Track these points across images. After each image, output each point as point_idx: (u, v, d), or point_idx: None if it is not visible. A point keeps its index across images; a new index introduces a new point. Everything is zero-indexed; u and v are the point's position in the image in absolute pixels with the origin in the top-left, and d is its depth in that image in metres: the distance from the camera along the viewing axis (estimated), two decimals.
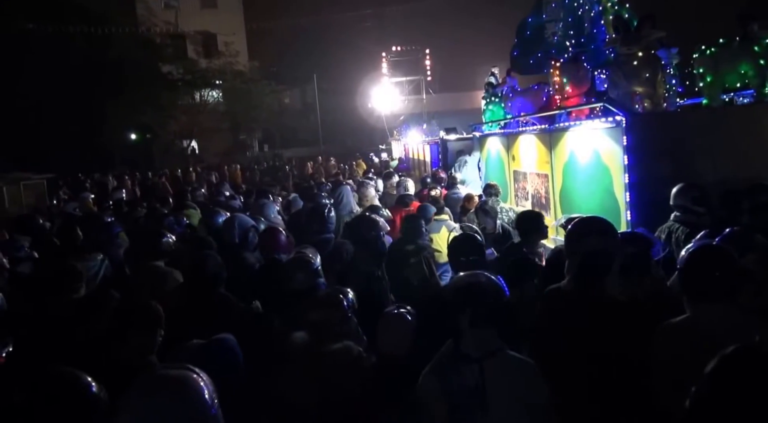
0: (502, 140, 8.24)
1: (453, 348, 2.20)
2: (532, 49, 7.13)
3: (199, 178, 17.00)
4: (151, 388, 1.63)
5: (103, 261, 4.70)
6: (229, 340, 2.44)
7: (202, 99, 32.53)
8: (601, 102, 5.16)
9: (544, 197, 6.81)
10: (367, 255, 4.05)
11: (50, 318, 3.38)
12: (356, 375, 2.64)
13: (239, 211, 6.49)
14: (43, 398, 1.64)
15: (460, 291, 2.24)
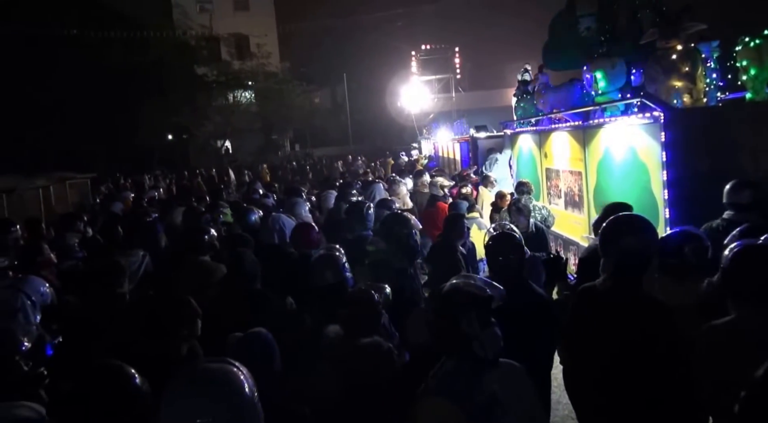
0: (534, 137, 8.12)
1: (460, 358, 2.07)
2: (565, 44, 6.98)
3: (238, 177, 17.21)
4: (193, 380, 1.65)
5: (144, 257, 4.81)
6: (264, 334, 2.45)
7: (236, 100, 33.01)
8: (637, 97, 5.03)
9: (577, 195, 6.69)
10: (399, 252, 4.03)
11: (96, 311, 3.47)
12: (386, 370, 2.63)
13: (273, 210, 6.57)
14: (89, 389, 1.68)
15: (459, 295, 2.13)
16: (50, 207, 10.43)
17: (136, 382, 1.73)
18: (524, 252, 3.31)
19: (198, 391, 1.61)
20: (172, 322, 2.64)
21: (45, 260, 4.51)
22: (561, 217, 7.02)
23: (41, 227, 6.42)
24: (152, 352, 2.58)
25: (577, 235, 6.65)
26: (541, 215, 6.43)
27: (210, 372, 1.67)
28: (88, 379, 1.71)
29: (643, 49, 5.60)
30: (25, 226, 5.89)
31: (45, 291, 3.86)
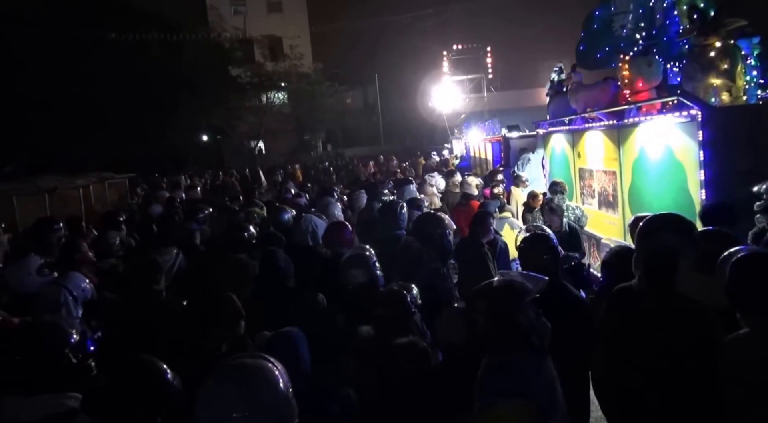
0: (567, 137, 8.01)
1: (517, 351, 2.06)
2: (599, 42, 6.86)
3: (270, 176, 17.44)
4: (228, 375, 1.69)
5: (177, 255, 4.94)
6: (294, 333, 2.48)
7: (269, 101, 33.47)
8: (674, 96, 4.91)
9: (611, 195, 6.57)
10: (433, 252, 4.03)
11: (134, 307, 3.58)
12: (421, 370, 2.64)
13: (305, 209, 6.66)
14: (121, 383, 1.73)
15: (511, 289, 2.14)
16: (90, 206, 10.75)
17: (167, 377, 1.77)
18: (558, 252, 3.27)
19: (233, 386, 1.65)
20: (212, 319, 2.69)
21: (83, 258, 4.66)
22: (594, 217, 6.91)
23: (81, 225, 6.63)
24: (194, 348, 2.65)
25: (611, 235, 6.54)
26: (575, 215, 6.34)
27: (245, 367, 1.71)
28: (121, 373, 1.76)
29: (680, 47, 5.47)
30: (66, 225, 6.10)
31: (85, 287, 4.00)
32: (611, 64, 6.64)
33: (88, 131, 24.29)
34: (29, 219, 8.05)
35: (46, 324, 2.16)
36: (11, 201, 8.88)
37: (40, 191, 9.59)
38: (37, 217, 7.06)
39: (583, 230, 6.49)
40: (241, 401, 1.61)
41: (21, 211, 8.84)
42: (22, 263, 4.03)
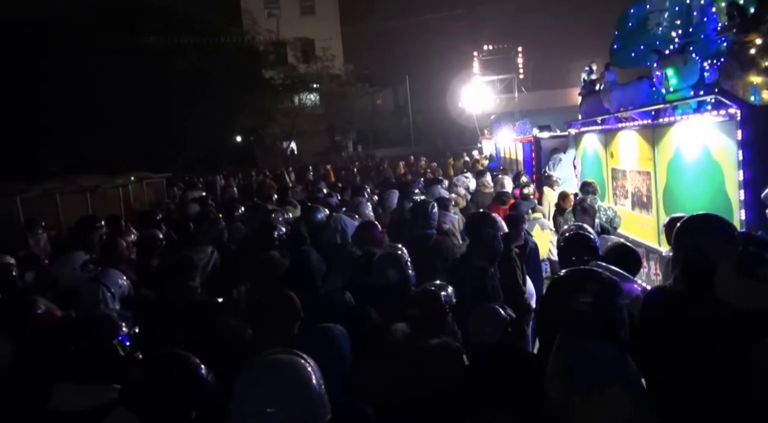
0: (599, 137, 7.86)
1: (605, 344, 2.01)
2: (634, 41, 6.69)
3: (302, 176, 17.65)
4: (262, 370, 1.70)
5: (212, 253, 5.03)
6: (332, 329, 2.48)
7: (301, 102, 33.75)
8: (712, 94, 4.76)
9: (645, 196, 6.42)
10: (482, 252, 3.98)
11: (170, 303, 3.65)
12: (453, 370, 2.62)
13: (336, 209, 6.69)
14: (156, 377, 1.77)
15: (608, 283, 2.12)
16: (129, 205, 11.03)
17: (201, 372, 1.81)
18: (598, 253, 3.21)
19: (266, 382, 1.66)
20: (272, 317, 2.72)
21: (120, 255, 4.78)
22: (628, 219, 6.76)
23: (121, 224, 6.80)
24: (251, 342, 2.69)
25: (645, 236, 6.38)
26: (607, 216, 6.21)
27: (278, 363, 1.72)
28: (155, 367, 1.80)
29: (718, 45, 5.31)
30: (106, 223, 6.26)
31: (123, 283, 4.09)
32: (646, 62, 6.47)
33: (128, 132, 24.95)
34: (72, 217, 8.32)
35: (97, 317, 2.23)
36: (55, 199, 9.18)
37: (82, 190, 9.88)
38: (79, 215, 7.28)
39: (616, 232, 6.36)
40: (273, 396, 1.63)
41: (64, 210, 9.14)
42: (67, 259, 4.15)
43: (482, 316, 2.76)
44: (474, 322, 2.78)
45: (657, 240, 5.96)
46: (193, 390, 1.76)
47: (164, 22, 25.88)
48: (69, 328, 2.21)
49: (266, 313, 2.78)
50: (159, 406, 1.72)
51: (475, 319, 2.78)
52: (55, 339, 2.09)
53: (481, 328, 2.72)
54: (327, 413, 1.70)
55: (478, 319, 2.76)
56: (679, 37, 5.97)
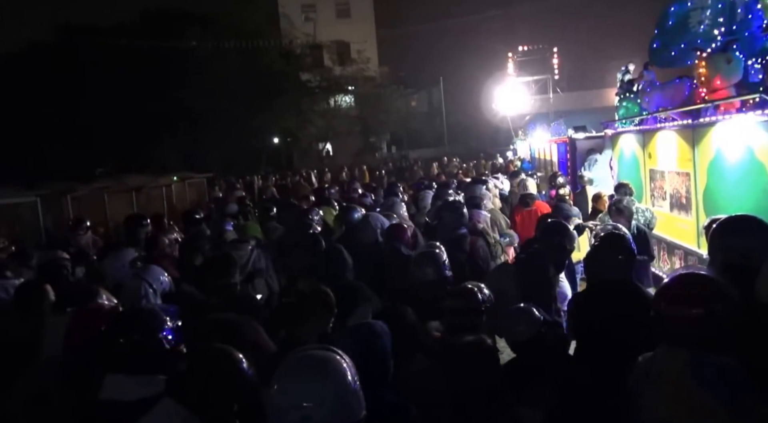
0: (637, 138, 7.66)
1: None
2: (674, 39, 6.48)
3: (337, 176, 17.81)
4: (298, 366, 1.72)
5: (251, 251, 5.10)
6: (373, 325, 2.48)
7: (336, 104, 34.01)
8: (756, 93, 4.58)
9: (684, 197, 6.22)
10: (552, 259, 3.89)
11: (211, 299, 3.72)
12: (488, 368, 2.60)
13: (371, 209, 6.71)
14: (201, 370, 1.82)
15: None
16: (172, 204, 11.34)
17: (242, 366, 1.85)
18: (634, 254, 3.12)
19: (302, 376, 1.68)
20: (307, 310, 2.75)
21: (161, 252, 4.90)
22: (666, 220, 6.56)
23: (164, 222, 6.99)
24: (287, 338, 2.73)
25: (684, 238, 6.19)
26: (644, 217, 6.06)
27: (315, 358, 1.74)
28: (200, 361, 1.85)
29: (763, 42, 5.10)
30: (151, 221, 6.44)
31: (164, 279, 4.18)
32: (687, 61, 6.27)
33: (171, 134, 25.62)
34: (119, 215, 8.62)
35: (144, 310, 2.30)
36: (103, 198, 9.52)
37: (128, 190, 10.22)
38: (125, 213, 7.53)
39: (653, 233, 6.18)
40: (309, 391, 1.65)
41: (111, 208, 9.47)
42: (116, 255, 4.28)
43: (516, 316, 2.72)
44: (507, 321, 2.75)
45: (696, 242, 5.77)
46: (235, 382, 1.80)
47: (208, 28, 26.51)
48: (119, 320, 2.28)
49: (301, 306, 2.80)
50: (203, 397, 1.77)
51: (508, 317, 2.75)
52: (108, 330, 2.16)
53: (514, 329, 2.69)
54: (362, 409, 1.71)
55: (511, 318, 2.73)
56: (722, 35, 5.75)
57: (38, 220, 8.05)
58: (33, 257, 4.69)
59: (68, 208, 8.59)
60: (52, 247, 5.20)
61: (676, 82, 6.48)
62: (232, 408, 1.81)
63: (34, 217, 8.05)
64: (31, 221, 8.02)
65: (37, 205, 8.12)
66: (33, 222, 8.03)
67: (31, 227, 7.98)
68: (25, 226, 7.92)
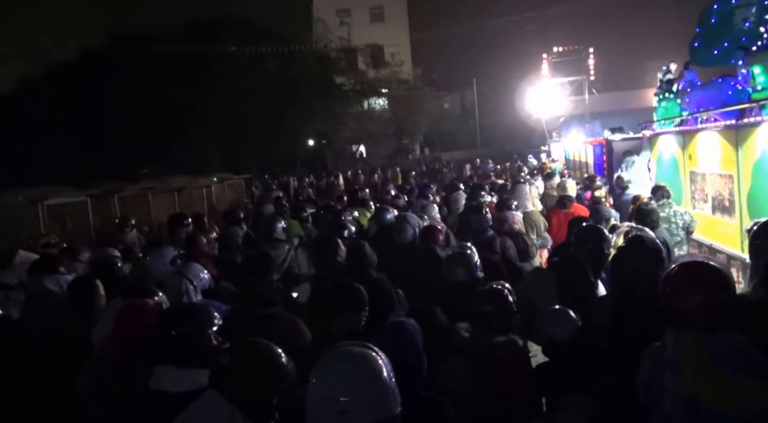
0: (677, 139, 7.43)
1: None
2: (717, 38, 6.27)
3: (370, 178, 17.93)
4: (336, 361, 1.74)
5: (288, 250, 5.18)
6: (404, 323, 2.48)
7: (370, 107, 34.17)
8: None
9: (727, 200, 6.00)
10: (592, 262, 3.83)
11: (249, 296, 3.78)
12: (519, 368, 2.56)
13: (404, 210, 6.71)
14: (242, 363, 1.86)
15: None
16: (212, 204, 11.60)
17: (282, 360, 1.88)
18: (662, 257, 3.02)
19: (340, 372, 1.70)
20: (337, 305, 2.78)
21: (200, 250, 5.00)
22: (707, 223, 6.35)
23: (204, 221, 7.15)
24: (319, 334, 2.77)
25: (726, 242, 5.97)
26: (683, 220, 5.87)
27: (352, 354, 1.75)
28: (241, 354, 1.89)
29: None
30: (192, 221, 6.59)
31: (204, 277, 4.25)
32: (730, 60, 6.06)
33: (211, 137, 26.21)
34: (162, 214, 8.87)
35: (198, 306, 2.36)
36: (147, 198, 9.82)
37: (170, 190, 10.51)
38: (168, 212, 7.73)
39: (695, 237, 5.99)
40: (346, 386, 1.66)
41: (155, 207, 9.76)
42: (159, 253, 4.38)
43: (553, 316, 2.68)
44: (544, 322, 2.70)
45: (740, 246, 5.56)
46: (274, 376, 1.84)
47: (247, 34, 27.03)
48: (172, 313, 2.35)
49: (332, 302, 2.82)
50: (244, 390, 1.81)
51: (545, 318, 2.70)
52: (160, 322, 2.23)
53: (550, 329, 2.64)
54: (397, 405, 1.72)
55: (548, 319, 2.69)
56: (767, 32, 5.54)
57: (88, 219, 8.38)
58: (84, 253, 4.87)
59: (115, 207, 8.90)
60: (102, 245, 5.38)
61: (718, 82, 6.27)
62: (271, 401, 1.84)
63: (84, 216, 8.38)
64: (82, 219, 8.36)
65: (87, 204, 8.45)
66: (83, 220, 8.36)
67: (82, 225, 8.32)
68: (76, 224, 8.25)
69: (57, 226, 7.75)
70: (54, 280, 3.69)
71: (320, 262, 4.51)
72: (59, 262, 4.01)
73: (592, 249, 3.75)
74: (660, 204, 6.04)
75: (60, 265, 3.89)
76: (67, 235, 7.28)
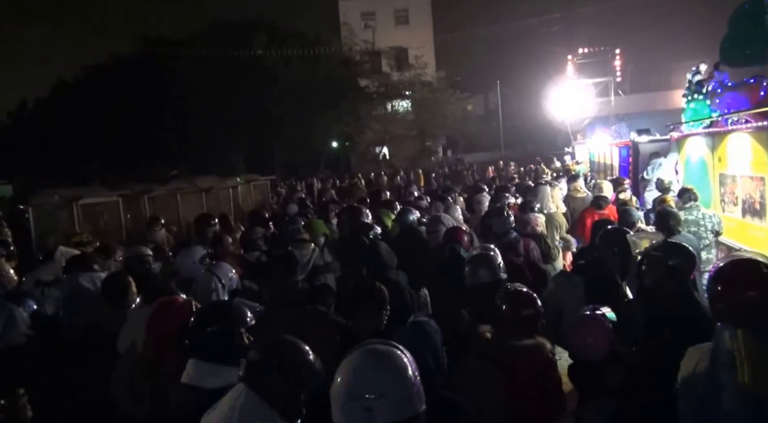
0: (706, 141, 7.26)
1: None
2: (749, 38, 6.11)
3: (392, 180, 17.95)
4: (362, 358, 1.76)
5: (313, 251, 5.21)
6: (426, 326, 2.49)
7: (394, 109, 34.19)
8: None
9: (758, 203, 5.84)
10: (617, 265, 3.79)
11: (274, 295, 3.83)
12: (546, 372, 2.54)
13: (426, 211, 6.70)
14: (272, 359, 1.89)
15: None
16: (238, 204, 11.75)
17: (310, 357, 1.91)
18: (693, 263, 2.96)
19: (366, 369, 1.71)
20: (360, 305, 2.80)
21: (225, 249, 5.07)
22: (737, 227, 6.19)
23: (230, 221, 7.25)
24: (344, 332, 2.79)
25: (758, 246, 5.81)
26: (711, 223, 5.75)
27: (378, 352, 1.77)
28: (271, 351, 1.93)
29: None
30: (218, 220, 6.69)
31: (232, 276, 4.31)
32: (762, 60, 5.90)
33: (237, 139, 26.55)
34: (190, 214, 9.03)
35: (233, 305, 2.41)
36: (176, 198, 10.01)
37: (198, 191, 10.68)
38: (195, 212, 7.86)
39: (724, 240, 5.84)
40: (372, 384, 1.68)
41: (183, 207, 9.95)
42: (188, 252, 4.47)
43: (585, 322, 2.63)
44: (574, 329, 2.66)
45: None
46: (302, 373, 1.87)
47: (273, 37, 27.33)
48: (208, 310, 2.40)
49: (354, 301, 2.83)
50: (273, 385, 1.85)
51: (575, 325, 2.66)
52: (196, 319, 2.28)
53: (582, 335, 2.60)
54: (422, 404, 1.73)
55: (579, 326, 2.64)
56: None
57: (120, 218, 8.58)
58: (117, 252, 4.99)
59: (145, 207, 9.10)
60: (133, 243, 5.50)
61: (750, 82, 6.11)
62: (299, 396, 1.87)
63: (116, 215, 8.59)
64: (114, 219, 8.58)
65: (118, 204, 8.66)
66: (115, 219, 8.58)
67: (114, 224, 8.54)
68: (109, 222, 8.47)
69: (91, 224, 7.97)
70: (88, 277, 3.79)
71: (348, 261, 4.53)
72: (93, 260, 4.12)
73: (618, 252, 3.69)
74: (687, 207, 5.93)
75: (94, 263, 3.99)
76: (100, 234, 7.46)
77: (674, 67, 22.97)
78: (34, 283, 4.03)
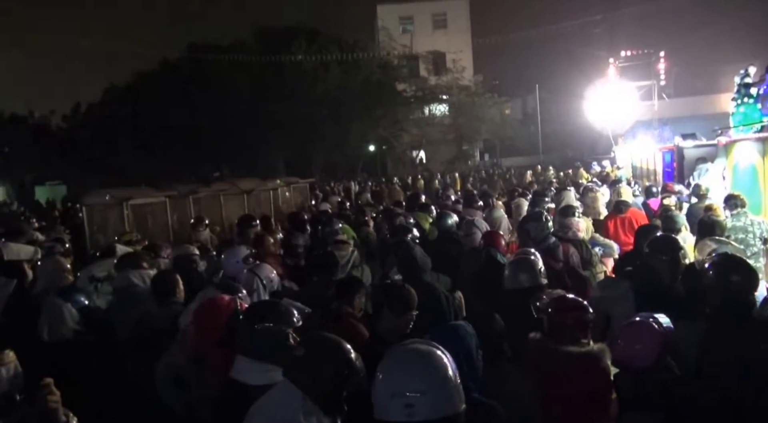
0: (757, 146, 6.98)
1: None
2: None
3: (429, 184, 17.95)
4: (404, 357, 1.80)
5: (353, 252, 5.26)
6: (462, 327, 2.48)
7: (431, 113, 34.14)
8: None
9: None
10: (664, 270, 3.72)
11: (314, 296, 3.89)
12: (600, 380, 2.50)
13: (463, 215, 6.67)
14: (315, 356, 1.95)
15: None
16: (278, 206, 11.97)
17: (351, 355, 1.96)
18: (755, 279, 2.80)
19: (407, 367, 1.75)
20: (385, 306, 2.82)
21: (266, 250, 5.17)
22: None
23: (270, 222, 7.39)
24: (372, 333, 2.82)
25: None
26: (761, 230, 5.53)
27: (419, 351, 1.80)
28: (314, 348, 1.98)
29: None
30: (260, 222, 6.83)
31: (273, 277, 4.38)
32: None
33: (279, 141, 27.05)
34: (232, 215, 9.26)
35: (282, 305, 2.49)
36: (219, 200, 10.29)
37: (240, 192, 10.93)
38: (237, 213, 8.05)
39: None
40: (413, 381, 1.71)
41: (226, 208, 10.22)
42: (232, 252, 4.58)
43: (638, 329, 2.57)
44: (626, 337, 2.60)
45: None
46: (344, 370, 1.92)
47: (313, 42, 27.73)
48: (258, 308, 2.47)
49: (380, 302, 2.85)
50: (316, 381, 1.90)
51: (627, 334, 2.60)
52: (246, 316, 2.35)
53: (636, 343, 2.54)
54: (462, 402, 1.75)
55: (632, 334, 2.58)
56: None
57: (166, 218, 8.89)
58: (165, 251, 5.16)
59: (190, 207, 9.39)
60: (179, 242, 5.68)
61: None
62: (341, 393, 1.91)
63: (163, 215, 8.91)
64: (161, 218, 8.90)
65: (165, 204, 8.97)
66: (162, 219, 8.90)
67: (161, 223, 8.85)
68: (156, 222, 8.79)
69: (139, 223, 8.28)
70: (138, 274, 3.94)
71: (390, 263, 4.55)
72: (143, 258, 4.28)
73: (668, 260, 3.60)
74: (734, 214, 5.72)
75: (143, 261, 4.15)
76: (148, 233, 7.74)
77: (721, 70, 22.17)
78: (88, 279, 4.20)
